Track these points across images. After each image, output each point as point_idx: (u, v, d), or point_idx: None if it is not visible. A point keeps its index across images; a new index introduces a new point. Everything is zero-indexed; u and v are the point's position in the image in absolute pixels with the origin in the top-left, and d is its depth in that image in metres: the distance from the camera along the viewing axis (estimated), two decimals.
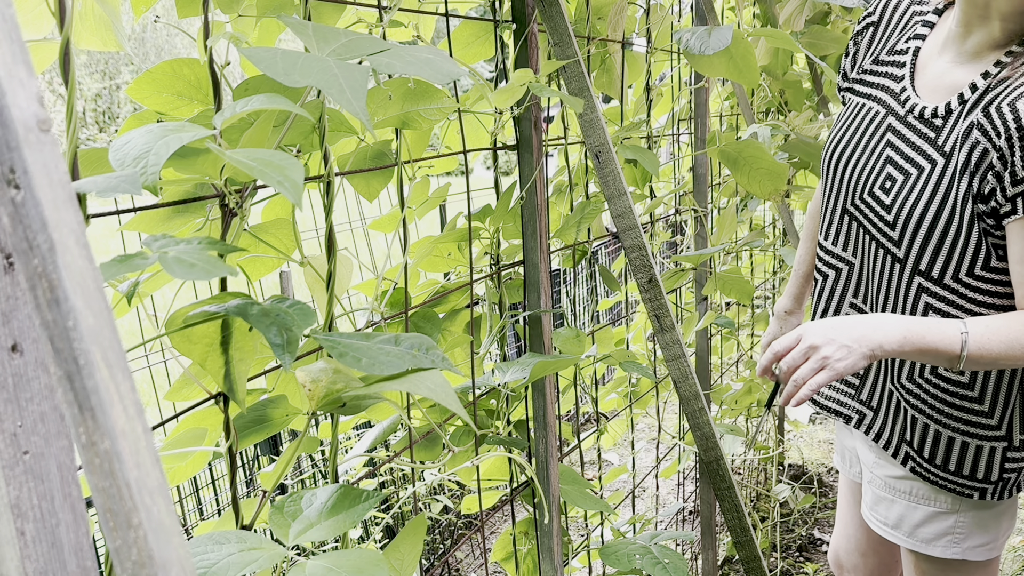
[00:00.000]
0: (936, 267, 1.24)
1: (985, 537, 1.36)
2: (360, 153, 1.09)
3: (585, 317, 4.55)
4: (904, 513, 1.41)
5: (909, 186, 1.26)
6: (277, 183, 0.62)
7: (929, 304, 1.27)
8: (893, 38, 1.39)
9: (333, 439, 0.93)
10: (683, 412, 1.68)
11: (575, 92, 1.42)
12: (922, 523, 1.39)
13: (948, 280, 1.24)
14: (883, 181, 1.30)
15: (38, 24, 0.88)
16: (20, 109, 0.42)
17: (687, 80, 2.30)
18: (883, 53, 1.39)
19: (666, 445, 2.74)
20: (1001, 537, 1.39)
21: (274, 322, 0.71)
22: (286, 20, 0.77)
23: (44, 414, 0.46)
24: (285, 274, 3.15)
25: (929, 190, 1.23)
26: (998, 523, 1.37)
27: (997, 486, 1.32)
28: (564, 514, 1.54)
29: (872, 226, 1.32)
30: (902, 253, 1.28)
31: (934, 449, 1.33)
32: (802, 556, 2.93)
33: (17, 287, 0.45)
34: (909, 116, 1.29)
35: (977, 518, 1.36)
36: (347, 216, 1.53)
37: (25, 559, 0.45)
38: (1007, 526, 1.39)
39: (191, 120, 0.83)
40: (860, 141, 1.36)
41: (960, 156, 1.20)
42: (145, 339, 0.81)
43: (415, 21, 1.23)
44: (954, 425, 1.31)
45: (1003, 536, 1.39)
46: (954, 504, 1.36)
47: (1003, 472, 1.31)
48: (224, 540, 0.73)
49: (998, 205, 1.17)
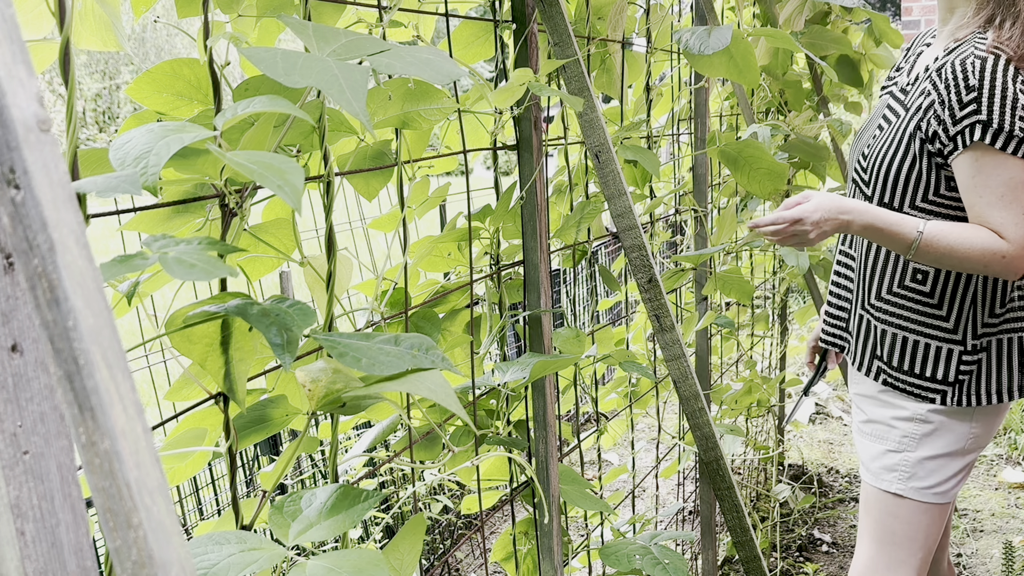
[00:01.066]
0: (896, 197, 1.52)
1: (928, 480, 1.57)
2: (360, 153, 1.09)
3: (585, 317, 4.55)
4: (867, 449, 1.65)
5: (880, 137, 1.55)
6: (277, 187, 0.62)
7: None
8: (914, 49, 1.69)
9: (333, 439, 0.93)
10: (683, 412, 1.68)
11: (575, 92, 1.42)
12: (877, 457, 1.62)
13: (906, 208, 1.51)
14: (869, 141, 1.59)
15: (38, 24, 0.88)
16: (20, 109, 0.42)
17: (687, 80, 2.30)
18: (902, 62, 1.70)
19: (666, 445, 2.74)
20: (945, 485, 1.57)
21: (274, 322, 0.71)
22: (286, 20, 0.77)
23: (44, 414, 0.46)
24: (285, 274, 3.15)
25: (891, 135, 1.52)
26: (943, 468, 1.57)
27: (954, 388, 1.53)
28: (564, 514, 1.54)
29: (858, 177, 1.60)
30: (870, 190, 1.56)
31: (901, 355, 1.56)
32: (802, 556, 2.93)
33: (17, 287, 0.45)
34: (897, 91, 1.59)
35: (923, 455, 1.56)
36: (347, 216, 1.53)
37: (25, 559, 0.45)
38: (953, 477, 1.58)
39: (191, 120, 0.83)
40: (868, 122, 1.66)
41: (914, 104, 1.48)
42: (145, 339, 0.81)
43: (415, 21, 1.23)
44: (916, 328, 1.55)
45: (947, 485, 1.58)
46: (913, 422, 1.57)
47: (958, 374, 1.52)
48: (224, 540, 0.73)
49: (942, 146, 1.43)
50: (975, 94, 1.38)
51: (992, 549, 2.94)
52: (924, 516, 1.59)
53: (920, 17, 5.70)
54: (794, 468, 3.57)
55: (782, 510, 3.10)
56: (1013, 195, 1.38)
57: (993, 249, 1.39)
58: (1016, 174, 1.38)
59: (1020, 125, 1.36)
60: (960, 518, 3.15)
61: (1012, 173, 1.38)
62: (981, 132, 1.38)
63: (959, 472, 1.58)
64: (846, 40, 2.43)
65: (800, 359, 4.96)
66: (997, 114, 1.37)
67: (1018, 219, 1.39)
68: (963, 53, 1.42)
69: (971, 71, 1.38)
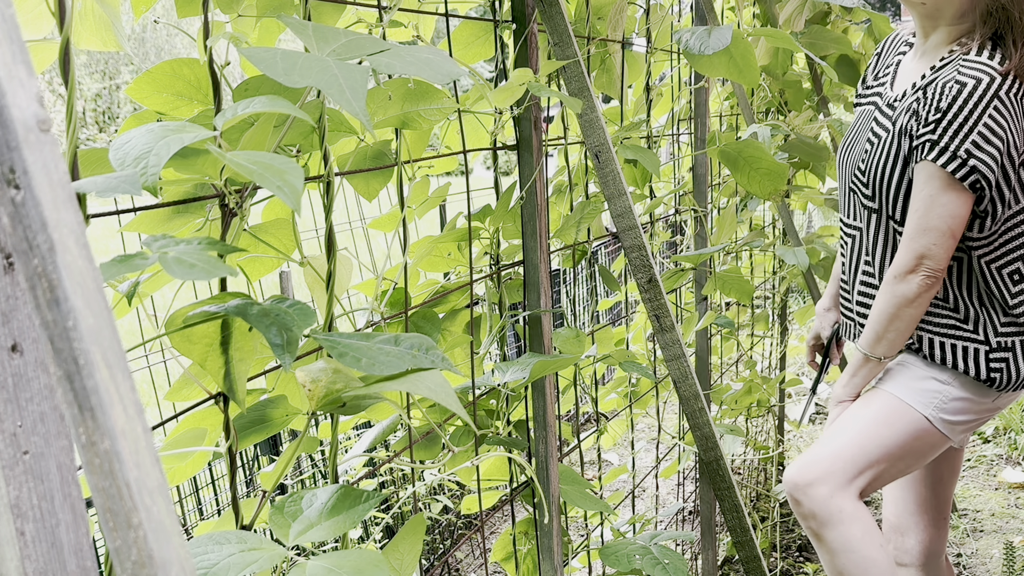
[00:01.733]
0: (898, 211, 1.59)
1: (953, 416, 1.60)
2: (360, 153, 1.09)
3: (585, 317, 4.55)
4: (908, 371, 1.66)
5: (874, 153, 1.61)
6: (277, 188, 0.62)
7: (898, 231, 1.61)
8: (887, 58, 1.76)
9: (333, 439, 0.93)
10: (683, 412, 1.68)
11: (575, 92, 1.42)
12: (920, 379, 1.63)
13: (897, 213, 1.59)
14: (862, 155, 1.64)
15: (38, 24, 0.88)
16: (20, 109, 0.42)
17: (687, 80, 2.30)
18: (880, 70, 1.76)
19: (666, 445, 2.74)
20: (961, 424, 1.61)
21: (274, 322, 0.71)
22: (286, 20, 0.77)
23: (44, 414, 0.46)
24: (285, 274, 3.15)
25: (883, 152, 1.58)
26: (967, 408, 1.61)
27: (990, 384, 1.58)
28: (564, 514, 1.54)
29: (859, 192, 1.65)
30: (876, 205, 1.62)
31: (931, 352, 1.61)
32: (802, 556, 2.93)
33: (17, 287, 0.45)
34: (883, 105, 1.65)
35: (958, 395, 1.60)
36: (347, 216, 1.53)
37: (25, 559, 0.45)
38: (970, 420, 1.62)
39: (191, 120, 0.83)
40: (855, 133, 1.72)
41: (900, 123, 1.55)
42: (145, 339, 0.81)
43: (415, 21, 1.23)
44: (943, 332, 1.61)
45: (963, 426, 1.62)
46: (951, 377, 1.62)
47: (990, 372, 1.58)
48: (224, 540, 0.73)
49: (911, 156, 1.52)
50: (939, 115, 1.46)
51: (992, 549, 2.94)
52: (921, 441, 1.62)
53: None
54: None
55: (782, 510, 3.10)
56: (925, 208, 1.49)
57: (887, 277, 1.55)
58: (936, 194, 1.47)
59: (966, 148, 1.44)
60: (960, 518, 3.15)
61: (934, 189, 1.48)
62: (929, 149, 1.47)
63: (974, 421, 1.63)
64: (846, 40, 2.43)
65: (800, 359, 4.96)
66: (948, 136, 1.45)
67: (911, 231, 1.51)
68: (946, 76, 1.48)
69: (946, 95, 1.46)
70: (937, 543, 1.88)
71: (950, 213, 1.47)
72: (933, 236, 1.49)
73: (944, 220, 1.48)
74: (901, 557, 1.90)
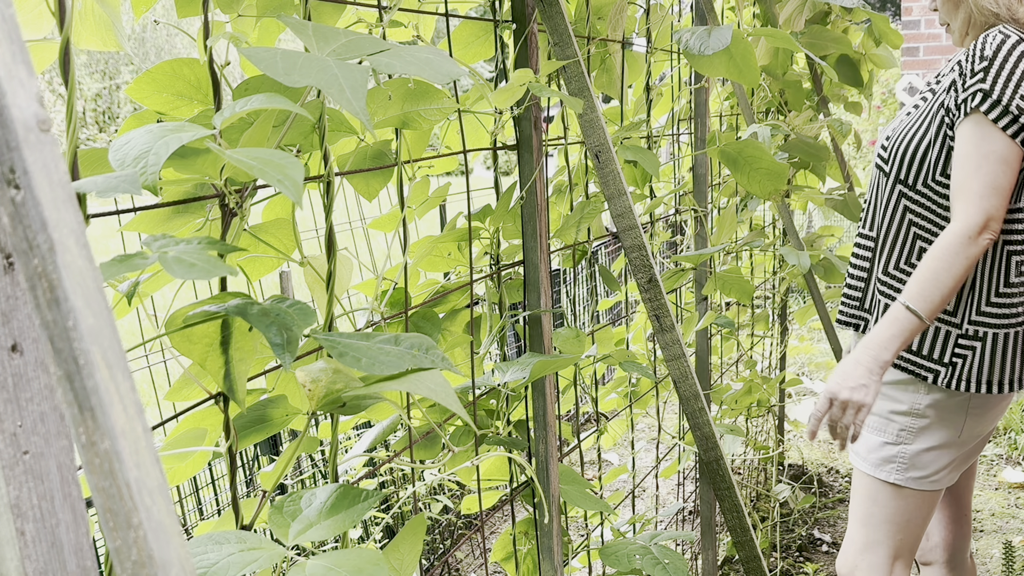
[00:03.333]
0: (911, 174, 1.56)
1: (925, 471, 1.61)
2: (360, 153, 1.09)
3: (585, 317, 4.55)
4: (864, 440, 1.67)
5: (906, 121, 1.59)
6: (277, 182, 0.62)
7: (908, 208, 1.58)
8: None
9: (333, 439, 0.93)
10: (683, 412, 1.68)
11: (575, 92, 1.42)
12: (875, 449, 1.65)
13: (919, 186, 1.55)
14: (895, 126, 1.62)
15: (38, 24, 0.88)
16: (20, 109, 0.42)
17: (687, 80, 2.30)
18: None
19: (666, 445, 2.74)
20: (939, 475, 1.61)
21: (274, 322, 0.71)
22: (286, 20, 0.77)
23: (44, 414, 0.46)
24: (285, 274, 3.15)
25: (919, 117, 1.56)
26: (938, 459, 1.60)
27: (948, 369, 1.55)
28: (564, 514, 1.54)
29: (880, 159, 1.63)
30: (888, 167, 1.60)
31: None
32: (802, 556, 2.93)
33: (17, 287, 0.45)
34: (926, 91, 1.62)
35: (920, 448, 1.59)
36: (347, 216, 1.53)
37: (25, 559, 0.45)
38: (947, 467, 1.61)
39: (191, 120, 0.83)
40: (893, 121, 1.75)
41: (942, 87, 1.52)
42: (145, 339, 0.81)
43: (415, 21, 1.23)
44: None
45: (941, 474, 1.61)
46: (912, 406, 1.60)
47: (952, 356, 1.55)
48: (224, 540, 0.73)
49: (954, 117, 1.48)
50: (985, 63, 1.42)
51: (992, 549, 2.94)
52: (912, 502, 1.63)
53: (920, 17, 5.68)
54: (794, 468, 3.57)
55: (782, 510, 3.10)
56: (990, 167, 1.42)
57: (953, 239, 1.44)
58: (997, 148, 1.42)
59: (1018, 104, 1.40)
60: None
61: (993, 147, 1.42)
62: (980, 100, 1.42)
63: (952, 461, 1.62)
64: (846, 40, 2.43)
65: (800, 359, 4.96)
66: (1000, 86, 1.41)
67: (982, 192, 1.43)
68: (989, 32, 1.47)
69: (989, 44, 1.43)
70: (958, 540, 1.89)
71: (1013, 171, 1.43)
72: (1000, 198, 1.43)
73: (1008, 179, 1.43)
74: (925, 556, 1.92)
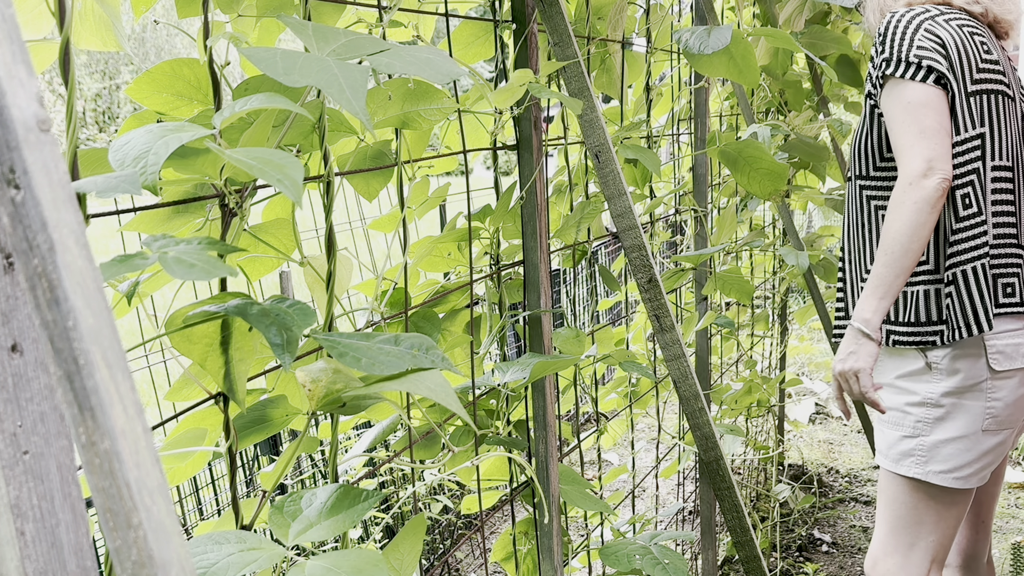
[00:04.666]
0: (864, 166, 1.66)
1: (946, 464, 1.59)
2: (360, 153, 1.09)
3: (585, 317, 4.55)
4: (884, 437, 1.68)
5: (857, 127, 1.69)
6: (277, 181, 0.62)
7: (870, 197, 1.66)
8: None
9: (333, 439, 0.93)
10: (683, 412, 1.68)
11: (575, 92, 1.42)
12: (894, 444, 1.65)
13: (872, 172, 1.65)
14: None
15: (38, 24, 0.88)
16: (20, 109, 0.42)
17: (687, 80, 2.30)
18: None
19: (666, 445, 2.74)
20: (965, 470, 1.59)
21: (274, 322, 0.71)
22: (286, 20, 0.77)
23: (44, 414, 0.46)
24: (285, 274, 3.15)
25: (860, 119, 1.67)
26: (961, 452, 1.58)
27: (948, 326, 1.57)
28: (564, 514, 1.54)
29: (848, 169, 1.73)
30: (850, 172, 1.70)
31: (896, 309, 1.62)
32: (802, 556, 2.93)
33: (17, 287, 0.45)
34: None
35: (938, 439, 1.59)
36: (347, 216, 1.53)
37: (25, 559, 0.45)
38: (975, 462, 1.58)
39: (191, 120, 0.83)
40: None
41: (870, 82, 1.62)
42: (145, 339, 0.81)
43: (415, 21, 1.23)
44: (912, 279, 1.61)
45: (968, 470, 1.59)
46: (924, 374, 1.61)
47: (941, 313, 1.58)
48: (224, 540, 0.73)
49: (876, 98, 1.58)
50: (881, 38, 1.56)
51: (992, 549, 2.94)
52: (937, 500, 1.61)
53: None
54: (794, 468, 3.57)
55: (782, 510, 3.10)
56: (912, 116, 1.50)
57: (896, 188, 1.50)
58: (913, 96, 1.50)
59: (915, 53, 1.51)
60: None
61: (910, 97, 1.51)
62: (885, 66, 1.54)
63: (982, 456, 1.59)
64: (846, 40, 2.42)
65: (800, 359, 4.96)
66: (895, 47, 1.53)
67: (912, 140, 1.49)
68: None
69: (882, 25, 1.57)
70: (975, 546, 1.87)
71: (936, 110, 1.49)
72: (934, 138, 1.48)
73: (935, 119, 1.49)
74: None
